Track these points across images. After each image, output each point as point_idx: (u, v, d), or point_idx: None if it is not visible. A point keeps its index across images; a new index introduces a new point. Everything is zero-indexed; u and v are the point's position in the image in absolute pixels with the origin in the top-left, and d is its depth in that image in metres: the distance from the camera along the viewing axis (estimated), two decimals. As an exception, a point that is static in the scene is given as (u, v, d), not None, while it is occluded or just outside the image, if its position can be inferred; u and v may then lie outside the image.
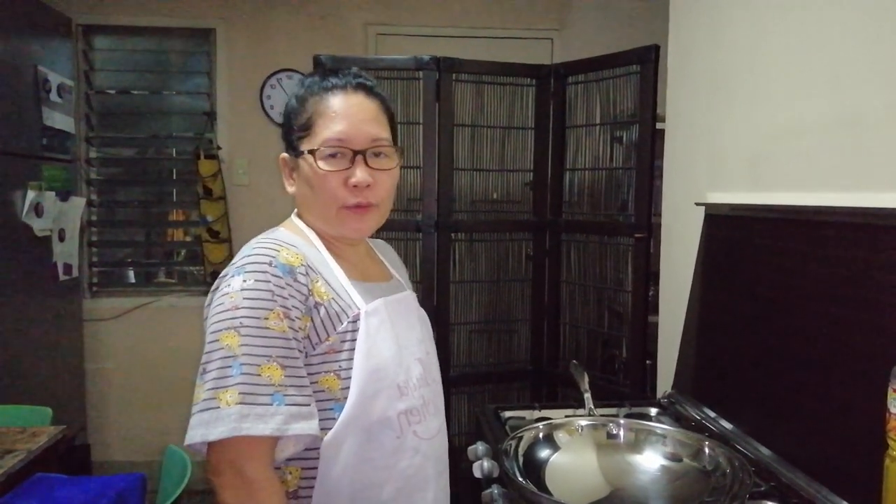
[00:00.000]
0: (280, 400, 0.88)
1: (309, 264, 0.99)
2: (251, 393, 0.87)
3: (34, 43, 2.76)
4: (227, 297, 0.93)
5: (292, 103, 1.06)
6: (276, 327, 0.91)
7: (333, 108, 1.02)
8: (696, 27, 1.83)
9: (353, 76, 1.05)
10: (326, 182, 1.01)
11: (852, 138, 1.21)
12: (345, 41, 3.44)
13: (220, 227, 3.34)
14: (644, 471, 1.17)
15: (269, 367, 0.89)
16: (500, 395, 2.73)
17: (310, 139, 1.02)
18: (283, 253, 0.97)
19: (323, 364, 0.96)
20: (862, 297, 1.10)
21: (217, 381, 0.88)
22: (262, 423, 0.86)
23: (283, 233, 1.05)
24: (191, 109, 3.49)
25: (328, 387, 0.96)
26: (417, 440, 1.02)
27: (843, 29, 1.24)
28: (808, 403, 1.20)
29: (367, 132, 1.02)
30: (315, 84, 1.05)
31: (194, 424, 0.88)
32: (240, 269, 0.95)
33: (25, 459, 1.68)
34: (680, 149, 1.93)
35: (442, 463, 1.10)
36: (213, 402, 0.87)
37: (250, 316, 0.90)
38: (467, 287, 2.66)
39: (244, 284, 0.92)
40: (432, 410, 1.07)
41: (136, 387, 3.41)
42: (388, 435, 0.99)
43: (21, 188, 2.60)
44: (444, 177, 2.52)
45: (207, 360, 0.90)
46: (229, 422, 0.86)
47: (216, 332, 0.91)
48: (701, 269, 1.68)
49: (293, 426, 0.88)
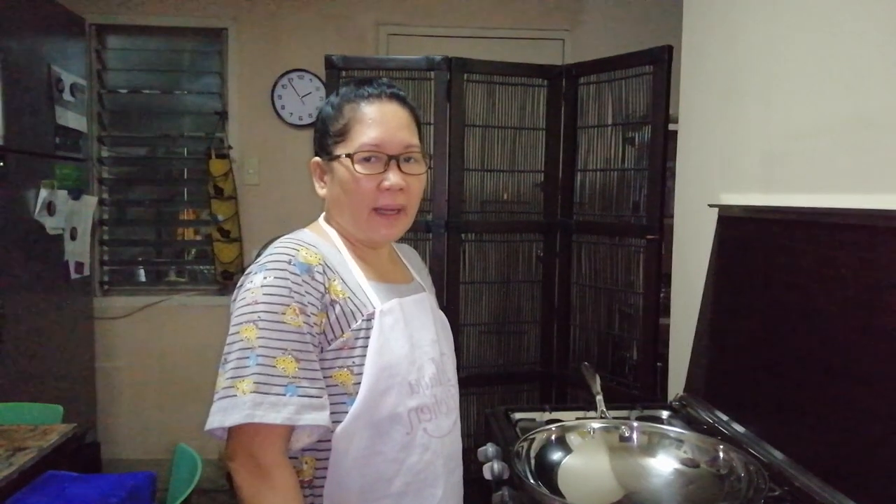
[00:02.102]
0: (293, 391, 0.93)
1: (327, 264, 1.04)
2: (266, 383, 0.92)
3: (47, 42, 2.78)
4: (248, 292, 0.98)
5: (328, 110, 1.12)
6: (292, 322, 0.96)
7: (370, 115, 1.07)
8: (710, 27, 1.82)
9: (388, 86, 1.11)
10: (360, 185, 1.05)
11: (868, 140, 1.19)
12: (356, 41, 3.44)
13: (230, 226, 3.35)
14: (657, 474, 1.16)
15: (284, 359, 0.94)
16: (510, 397, 2.72)
17: (346, 144, 1.07)
18: (302, 252, 1.02)
19: (337, 359, 1.00)
20: (879, 300, 1.09)
21: (235, 371, 0.93)
22: (275, 412, 0.91)
23: (306, 234, 1.10)
24: (202, 109, 3.50)
25: (342, 381, 1.00)
26: (428, 437, 1.05)
27: (859, 30, 1.23)
28: (823, 407, 1.19)
29: (400, 138, 1.07)
30: (351, 92, 1.10)
31: (214, 411, 0.93)
32: (261, 266, 1.00)
33: (36, 457, 1.68)
34: (693, 150, 1.91)
35: (453, 461, 1.13)
36: (231, 391, 0.92)
37: (268, 311, 0.95)
38: (477, 288, 2.66)
39: (264, 281, 0.98)
40: (444, 409, 1.10)
41: (147, 385, 3.42)
42: (398, 430, 1.02)
43: (34, 187, 2.62)
44: (454, 177, 2.51)
45: (228, 351, 0.96)
46: (244, 409, 0.91)
47: (237, 325, 0.97)
48: (714, 271, 1.67)
49: (304, 416, 0.93)
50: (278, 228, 1.13)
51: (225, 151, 3.36)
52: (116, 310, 3.39)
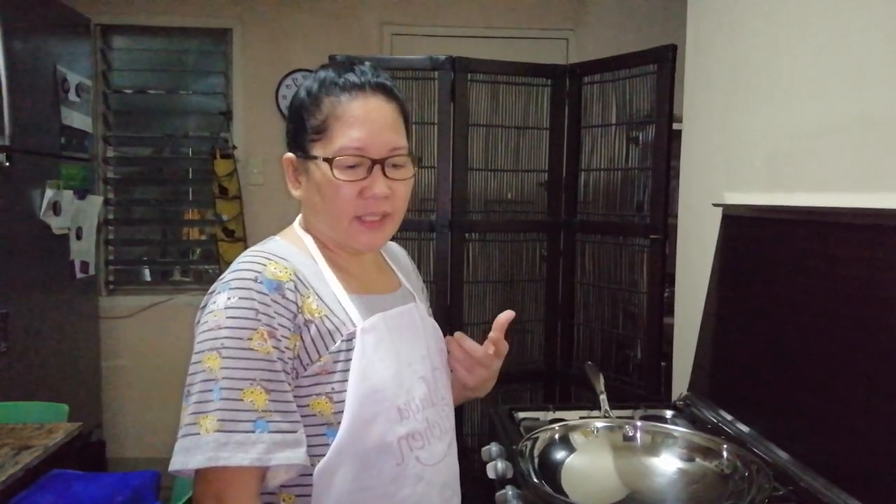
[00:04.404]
0: (263, 427, 0.83)
1: (300, 278, 0.92)
2: (231, 419, 0.82)
3: (53, 43, 2.79)
4: (211, 315, 0.87)
5: (303, 98, 0.98)
6: (259, 348, 0.85)
7: (352, 112, 0.94)
8: (714, 26, 1.81)
9: (372, 74, 0.97)
10: (340, 192, 0.93)
11: (873, 139, 1.19)
12: (360, 41, 3.45)
13: (235, 226, 3.36)
14: (661, 473, 1.16)
15: (251, 390, 0.83)
16: (513, 396, 2.72)
17: (324, 144, 0.95)
18: (270, 267, 0.90)
19: (315, 386, 0.89)
20: (884, 300, 1.08)
21: (198, 406, 0.83)
22: (242, 453, 0.81)
23: (276, 243, 0.99)
24: (207, 109, 3.51)
25: (320, 410, 0.89)
26: (421, 467, 0.94)
27: (865, 28, 1.23)
28: (827, 407, 1.19)
29: (386, 140, 0.95)
30: (331, 82, 0.96)
31: (176, 451, 0.83)
32: (225, 284, 0.89)
33: (42, 456, 1.69)
34: (697, 149, 1.91)
35: (449, 489, 1.02)
36: (194, 429, 0.82)
37: (233, 336, 0.84)
38: (481, 287, 2.66)
39: (228, 303, 0.86)
40: (438, 433, 0.99)
41: (152, 384, 3.43)
42: (387, 462, 0.91)
43: (40, 186, 2.63)
44: (458, 177, 2.51)
45: (191, 383, 0.86)
46: (207, 450, 0.80)
47: (199, 352, 0.86)
48: (718, 270, 1.67)
49: (276, 455, 0.82)
50: (282, 228, 1.09)
51: (229, 151, 3.37)
52: (122, 309, 3.41)
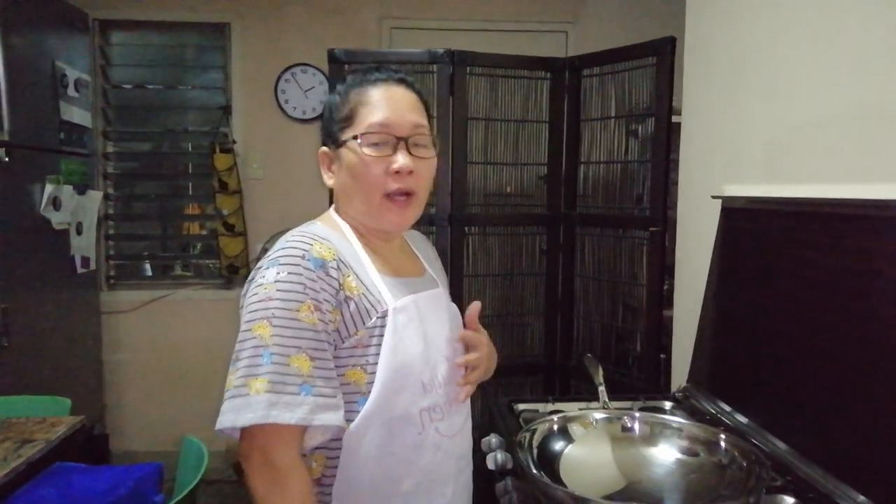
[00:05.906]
0: (308, 390, 0.90)
1: (341, 259, 1.01)
2: (280, 382, 0.89)
3: (52, 38, 2.79)
4: (261, 287, 0.95)
5: (333, 98, 1.09)
6: (306, 319, 0.93)
7: (376, 96, 1.05)
8: (713, 18, 1.81)
9: (395, 71, 1.09)
10: (370, 169, 1.02)
11: (872, 130, 1.19)
12: (359, 35, 3.44)
13: (235, 220, 3.37)
14: (659, 464, 1.16)
15: (298, 357, 0.91)
16: (513, 388, 2.73)
17: (352, 127, 1.04)
18: (315, 247, 0.98)
19: (351, 357, 0.98)
20: (882, 291, 1.09)
21: (248, 370, 0.90)
22: (290, 412, 0.89)
23: (318, 227, 1.06)
24: (206, 104, 3.51)
25: (354, 380, 0.98)
26: (439, 437, 1.04)
27: (863, 20, 1.23)
28: (825, 397, 1.19)
29: (409, 119, 1.05)
30: (356, 79, 1.08)
31: (225, 410, 0.90)
32: (274, 261, 0.97)
33: (45, 449, 1.70)
34: (696, 141, 1.91)
35: (464, 460, 1.12)
36: (244, 390, 0.89)
37: (282, 307, 0.92)
38: (481, 280, 2.67)
39: (278, 276, 0.94)
40: (456, 407, 1.09)
41: (153, 378, 3.45)
42: (409, 431, 1.00)
43: (39, 182, 2.63)
44: (457, 170, 2.52)
45: (240, 349, 0.93)
46: (258, 409, 0.88)
47: (249, 321, 0.93)
48: (717, 262, 1.67)
49: (319, 416, 0.90)
50: (282, 222, 1.12)
51: (229, 146, 3.36)
52: (123, 304, 3.42)
